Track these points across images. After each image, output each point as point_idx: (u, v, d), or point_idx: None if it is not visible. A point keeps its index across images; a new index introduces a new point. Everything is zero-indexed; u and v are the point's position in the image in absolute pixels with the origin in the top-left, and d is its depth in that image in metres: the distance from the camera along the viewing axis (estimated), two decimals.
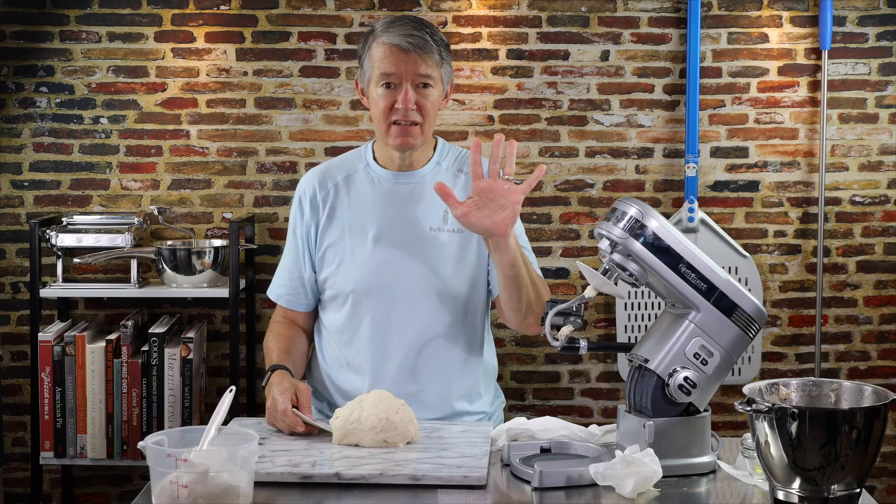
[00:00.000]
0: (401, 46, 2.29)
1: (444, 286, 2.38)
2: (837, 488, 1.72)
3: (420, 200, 2.41)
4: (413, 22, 2.35)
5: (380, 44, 2.32)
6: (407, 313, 2.38)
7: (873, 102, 3.77)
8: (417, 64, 2.30)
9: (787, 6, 3.73)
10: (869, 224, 3.81)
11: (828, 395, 1.86)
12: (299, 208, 2.48)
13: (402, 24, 2.34)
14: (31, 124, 3.70)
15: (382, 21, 2.38)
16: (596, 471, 1.92)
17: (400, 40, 2.30)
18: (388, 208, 2.41)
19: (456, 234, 2.39)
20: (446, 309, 2.39)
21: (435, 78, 2.34)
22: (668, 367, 1.99)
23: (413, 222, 2.40)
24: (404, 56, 2.30)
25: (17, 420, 3.75)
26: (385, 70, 2.32)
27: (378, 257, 2.38)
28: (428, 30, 2.34)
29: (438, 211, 2.39)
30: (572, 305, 2.05)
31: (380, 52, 2.32)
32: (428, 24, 2.38)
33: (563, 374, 3.83)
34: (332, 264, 2.43)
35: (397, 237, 2.39)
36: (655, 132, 3.76)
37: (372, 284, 2.39)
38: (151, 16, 3.68)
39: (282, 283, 2.51)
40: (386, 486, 1.92)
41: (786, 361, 3.83)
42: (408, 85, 2.31)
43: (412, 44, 2.29)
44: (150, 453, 1.74)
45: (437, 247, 2.39)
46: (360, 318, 2.41)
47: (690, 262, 1.99)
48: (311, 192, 2.47)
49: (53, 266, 3.53)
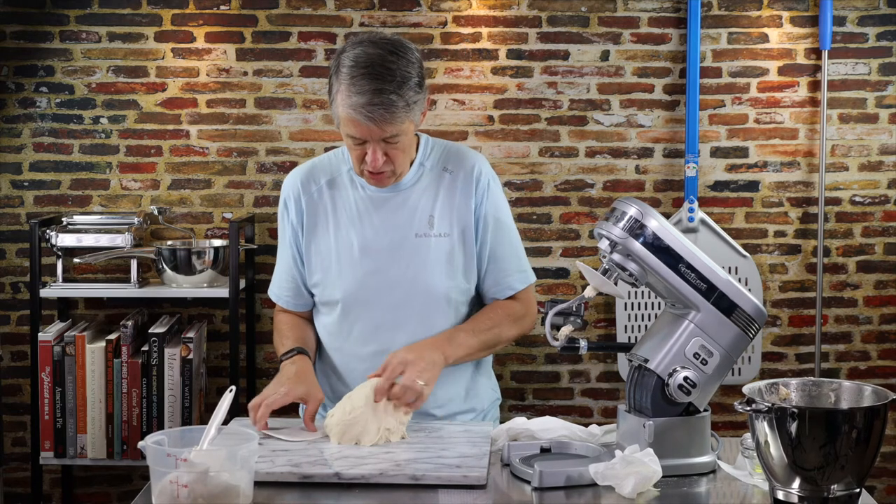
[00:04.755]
0: (362, 119, 2.17)
1: (433, 291, 2.35)
2: (837, 488, 1.72)
3: (405, 206, 2.37)
4: (377, 76, 2.16)
5: (344, 104, 2.18)
6: (396, 320, 2.35)
7: (873, 102, 3.77)
8: (382, 129, 2.19)
9: (787, 6, 3.73)
10: (869, 224, 3.81)
11: (828, 395, 1.86)
12: (285, 210, 2.45)
13: (366, 78, 2.16)
14: (31, 124, 3.70)
15: (347, 63, 2.19)
16: (596, 471, 1.92)
17: (360, 113, 2.16)
18: (373, 215, 2.37)
19: (443, 239, 2.36)
20: (437, 313, 2.37)
21: (403, 129, 2.22)
22: (667, 367, 1.99)
23: (399, 229, 2.36)
24: (368, 125, 2.18)
25: (17, 420, 3.75)
26: (350, 133, 2.22)
27: (365, 266, 2.36)
28: (393, 83, 2.17)
29: (424, 216, 2.36)
30: (572, 305, 2.05)
31: (344, 113, 2.19)
32: (394, 69, 2.18)
33: (563, 374, 3.83)
34: (319, 271, 2.41)
35: (384, 244, 2.36)
36: (655, 132, 3.76)
37: (360, 293, 2.36)
38: (151, 16, 3.68)
39: (281, 286, 2.50)
40: (386, 486, 1.92)
41: (786, 361, 3.83)
42: (375, 145, 2.22)
43: (373, 116, 2.16)
44: (150, 453, 1.74)
45: (425, 252, 2.35)
46: (350, 326, 2.39)
47: (690, 262, 1.99)
48: (294, 194, 2.43)
49: (53, 266, 3.53)
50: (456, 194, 2.38)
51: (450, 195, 2.37)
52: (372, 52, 2.20)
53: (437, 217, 2.36)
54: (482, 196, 2.39)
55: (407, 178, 2.37)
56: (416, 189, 2.38)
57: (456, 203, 2.37)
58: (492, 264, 2.40)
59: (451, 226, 2.36)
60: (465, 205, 2.37)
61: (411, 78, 2.21)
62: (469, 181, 2.38)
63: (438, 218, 2.36)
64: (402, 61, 2.20)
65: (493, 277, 2.41)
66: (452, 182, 2.38)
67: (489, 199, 2.39)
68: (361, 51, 2.20)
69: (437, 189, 2.38)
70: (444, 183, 2.39)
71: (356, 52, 2.21)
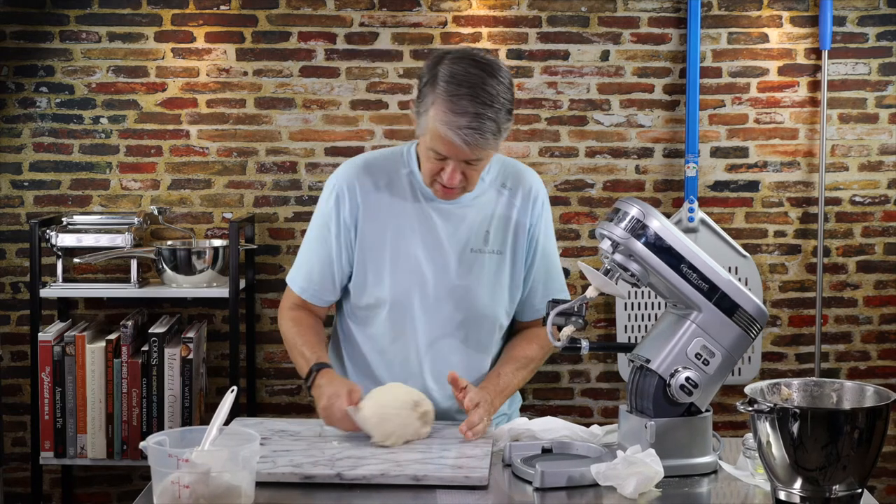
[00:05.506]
0: (457, 140, 2.14)
1: (480, 307, 2.35)
2: (839, 488, 1.72)
3: (463, 219, 2.35)
4: (479, 100, 2.13)
5: (440, 120, 2.14)
6: (442, 332, 2.35)
7: (873, 102, 3.77)
8: (472, 152, 2.17)
9: (787, 6, 3.73)
10: (869, 224, 3.81)
11: (829, 396, 1.86)
12: (337, 202, 2.35)
13: (466, 99, 2.13)
14: (31, 124, 3.69)
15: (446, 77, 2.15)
16: (597, 471, 1.92)
17: (457, 134, 2.13)
18: (431, 223, 2.34)
19: (495, 256, 2.35)
20: (481, 329, 2.37)
21: (488, 154, 2.22)
22: (669, 368, 1.99)
23: (455, 241, 2.34)
24: (460, 146, 2.15)
25: (17, 420, 3.74)
26: (436, 148, 2.18)
27: (420, 275, 2.33)
28: (492, 109, 2.14)
29: (480, 231, 2.35)
30: (573, 306, 2.05)
31: (439, 129, 2.15)
32: (495, 95, 2.15)
33: (564, 374, 3.83)
34: (370, 271, 2.35)
35: (439, 254, 2.33)
36: (655, 132, 3.76)
37: (410, 302, 2.33)
38: (151, 16, 3.68)
39: (310, 278, 2.41)
40: (387, 487, 1.92)
41: (786, 361, 3.83)
42: (456, 164, 2.20)
43: (468, 140, 2.13)
44: (151, 453, 1.74)
45: (478, 268, 2.34)
46: (396, 333, 2.36)
47: (692, 263, 1.99)
48: (351, 187, 2.35)
49: (53, 266, 3.53)
50: (513, 212, 2.37)
51: (506, 212, 2.36)
52: (473, 71, 2.16)
53: (492, 233, 2.35)
54: (538, 217, 2.40)
55: (468, 193, 2.34)
56: (476, 204, 2.36)
57: (511, 221, 2.37)
58: (536, 285, 2.41)
59: (504, 243, 2.36)
60: (520, 224, 2.38)
61: (507, 105, 2.19)
62: (527, 201, 2.38)
63: (493, 234, 2.36)
64: (501, 86, 2.18)
65: (533, 297, 2.42)
66: (510, 200, 2.38)
67: (543, 220, 2.41)
68: (462, 68, 2.16)
69: (495, 205, 2.36)
70: (503, 200, 2.38)
71: (457, 68, 2.16)
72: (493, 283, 2.36)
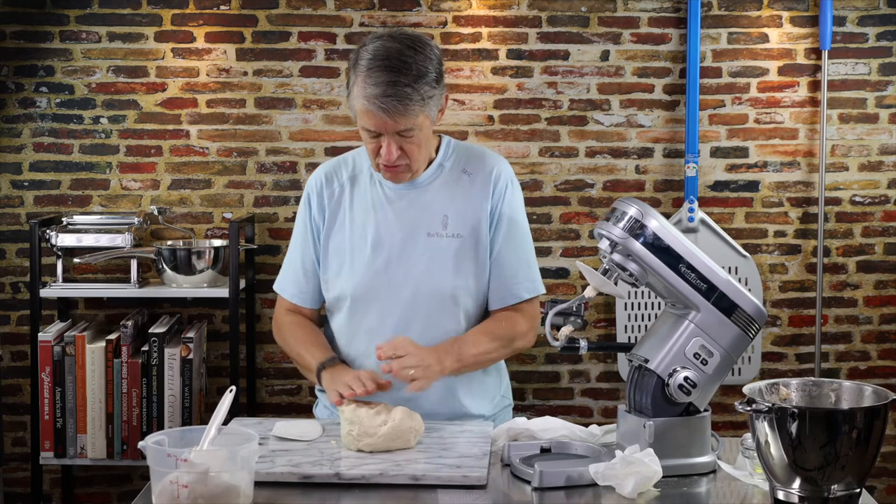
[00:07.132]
0: (376, 110, 2.19)
1: (441, 292, 2.35)
2: (837, 488, 1.72)
3: (419, 204, 2.37)
4: (393, 68, 2.19)
5: (360, 95, 2.21)
6: (404, 318, 2.35)
7: (873, 102, 3.77)
8: (396, 122, 2.20)
9: (787, 6, 3.73)
10: (869, 224, 3.81)
11: (828, 395, 1.86)
12: (308, 205, 2.45)
13: (382, 70, 2.18)
14: (31, 124, 3.70)
15: (366, 56, 2.22)
16: (596, 471, 1.92)
17: (374, 104, 2.18)
18: (387, 211, 2.38)
19: (455, 240, 2.36)
20: (444, 314, 2.36)
21: (418, 124, 2.23)
22: (668, 367, 1.99)
23: (411, 226, 2.36)
24: (382, 116, 2.19)
25: (17, 420, 3.75)
26: (365, 125, 2.24)
27: (376, 262, 2.36)
28: (408, 76, 2.19)
29: (438, 216, 2.36)
30: (572, 305, 2.05)
31: (359, 104, 2.22)
32: (411, 63, 2.20)
33: (563, 374, 3.83)
34: (332, 267, 2.41)
35: (395, 241, 2.36)
36: (655, 132, 3.76)
37: (369, 290, 2.36)
38: (151, 16, 3.68)
39: (295, 281, 2.47)
40: (386, 487, 1.93)
41: (786, 361, 3.83)
42: (389, 138, 2.23)
43: (386, 108, 2.18)
44: (150, 453, 1.74)
45: (435, 252, 2.35)
46: (357, 323, 2.39)
47: (690, 262, 1.99)
48: (317, 189, 2.44)
49: (53, 266, 3.53)
50: (473, 196, 2.37)
51: (466, 196, 2.37)
52: (390, 45, 2.22)
53: (451, 217, 2.35)
54: (499, 198, 2.38)
55: (424, 177, 2.37)
56: (433, 188, 2.37)
57: (472, 204, 2.37)
58: (501, 268, 2.38)
59: (464, 227, 2.36)
60: (481, 206, 2.37)
61: (428, 73, 2.22)
62: (487, 183, 2.38)
63: (453, 218, 2.36)
64: (420, 56, 2.22)
65: (500, 282, 2.39)
66: (471, 184, 2.38)
67: (506, 201, 2.39)
68: (380, 44, 2.23)
69: (455, 190, 2.37)
70: (463, 184, 2.39)
71: (375, 45, 2.23)
72: (454, 268, 2.35)
